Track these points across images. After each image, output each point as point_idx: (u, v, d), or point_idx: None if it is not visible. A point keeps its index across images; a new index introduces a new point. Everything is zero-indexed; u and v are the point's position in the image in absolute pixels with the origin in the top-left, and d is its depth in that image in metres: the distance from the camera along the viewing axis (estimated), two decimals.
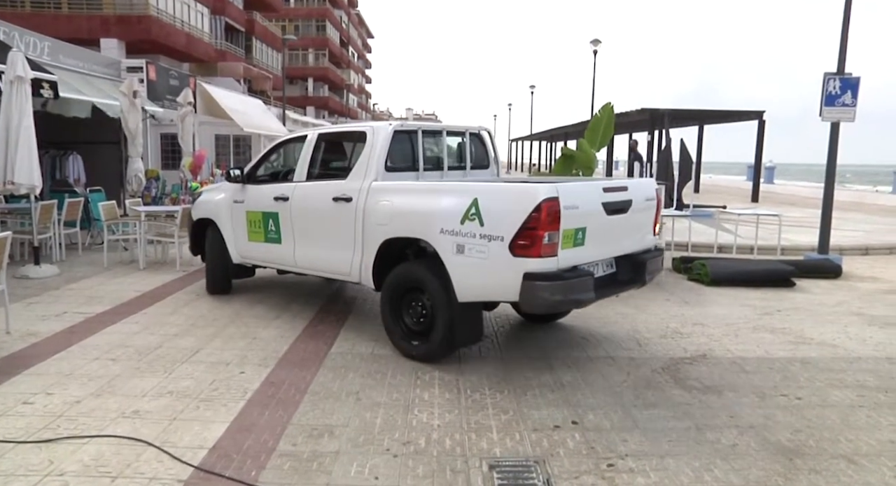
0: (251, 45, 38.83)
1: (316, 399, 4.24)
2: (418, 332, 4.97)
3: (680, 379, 4.69)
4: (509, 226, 4.24)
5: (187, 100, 13.05)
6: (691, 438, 3.73)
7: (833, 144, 9.02)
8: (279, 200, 6.02)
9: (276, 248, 6.17)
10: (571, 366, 4.93)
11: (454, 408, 4.12)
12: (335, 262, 5.55)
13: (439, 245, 4.63)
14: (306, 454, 3.48)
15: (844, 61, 8.72)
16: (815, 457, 3.51)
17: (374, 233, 5.14)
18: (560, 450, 3.55)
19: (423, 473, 3.29)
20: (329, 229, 5.55)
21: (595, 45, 27.93)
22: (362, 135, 5.58)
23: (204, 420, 3.88)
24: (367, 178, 5.30)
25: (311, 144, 6.01)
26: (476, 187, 4.61)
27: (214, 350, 5.24)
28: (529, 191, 4.28)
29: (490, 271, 4.38)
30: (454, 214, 4.52)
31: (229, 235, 6.76)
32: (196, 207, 7.29)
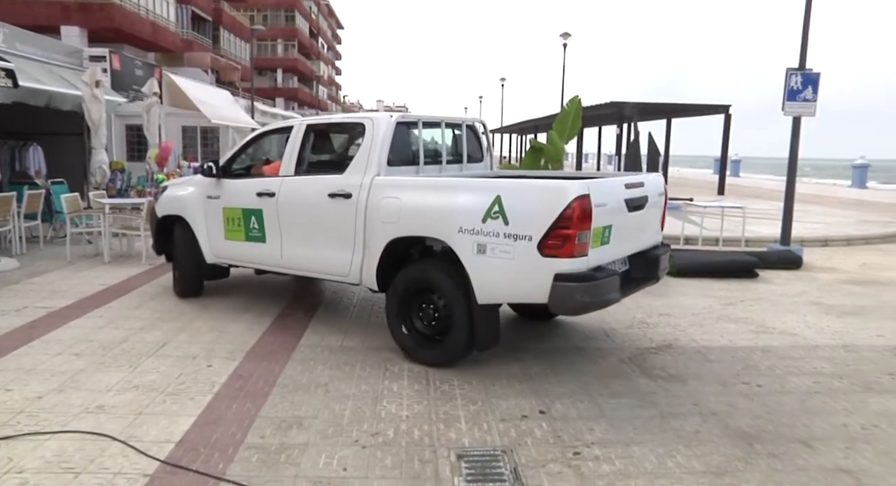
0: (219, 35, 38.19)
1: (284, 392, 4.22)
2: (429, 336, 4.72)
3: (646, 369, 4.78)
4: (538, 225, 4.05)
5: (153, 90, 12.81)
6: (656, 425, 3.81)
7: (795, 138, 9.23)
8: (263, 196, 5.63)
9: (260, 247, 5.79)
10: (540, 357, 4.99)
11: (423, 399, 4.14)
12: (331, 262, 5.22)
13: (457, 245, 4.38)
14: (274, 446, 3.48)
15: (806, 57, 8.92)
16: (773, 442, 3.61)
17: (378, 231, 4.84)
18: (527, 439, 3.60)
19: (391, 464, 3.31)
20: (324, 227, 5.23)
21: (565, 39, 28.07)
22: (359, 127, 5.31)
23: (171, 414, 3.84)
24: (367, 172, 4.99)
25: (298, 136, 5.62)
26: (499, 184, 4.38)
27: (181, 344, 5.18)
28: (560, 188, 4.08)
29: (516, 271, 4.17)
30: (475, 213, 4.28)
31: (202, 233, 6.31)
32: (161, 204, 6.78)
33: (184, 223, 6.46)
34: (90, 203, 9.79)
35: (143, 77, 17.79)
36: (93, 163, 11.38)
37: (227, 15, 38.45)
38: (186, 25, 32.47)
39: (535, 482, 3.15)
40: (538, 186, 4.29)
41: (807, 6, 8.75)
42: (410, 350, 4.79)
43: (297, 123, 5.76)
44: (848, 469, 3.32)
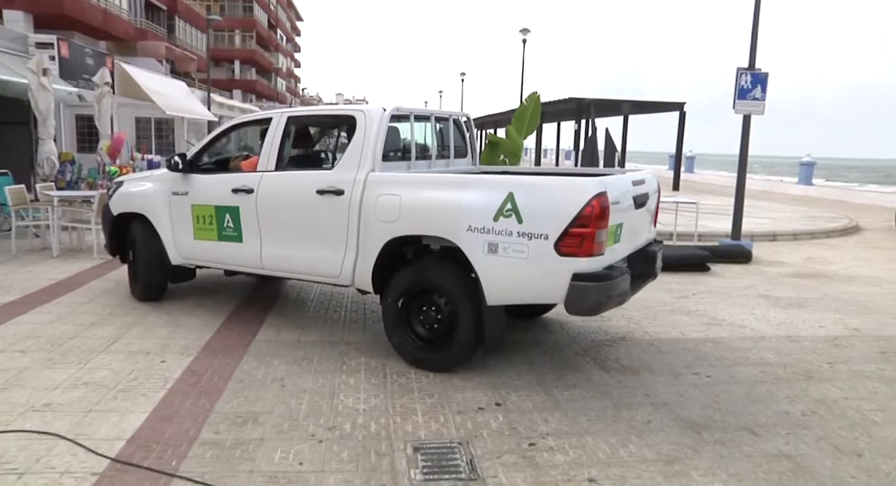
0: (174, 24, 37.26)
1: (240, 387, 4.17)
2: (429, 340, 4.55)
3: (600, 361, 4.88)
4: (555, 223, 3.92)
5: (104, 80, 12.45)
6: (609, 416, 3.89)
7: (745, 136, 9.50)
8: (240, 193, 5.26)
9: (235, 247, 5.41)
10: (497, 350, 5.04)
11: (380, 393, 4.15)
12: (319, 263, 4.92)
13: (466, 244, 4.20)
14: (229, 441, 3.44)
15: (755, 57, 9.18)
16: (721, 430, 3.73)
17: (374, 230, 4.59)
18: (483, 431, 3.64)
19: (347, 457, 3.31)
20: (311, 226, 4.93)
21: (524, 35, 28.27)
22: (349, 119, 5.04)
23: (122, 411, 3.77)
24: (361, 168, 4.73)
25: (278, 129, 5.27)
26: (511, 181, 4.25)
27: (134, 339, 5.07)
28: (578, 185, 4.00)
29: (531, 271, 4.03)
30: (485, 211, 4.11)
31: (167, 232, 5.86)
32: (117, 200, 6.26)
33: (144, 222, 6.00)
34: (37, 195, 9.47)
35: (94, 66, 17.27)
36: (40, 154, 11.00)
37: (182, 4, 37.53)
38: (140, 14, 31.58)
39: (490, 473, 3.19)
40: (554, 184, 4.17)
41: (756, 7, 9.00)
42: (411, 355, 4.59)
43: (277, 114, 5.41)
44: (789, 454, 3.45)
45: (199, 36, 40.75)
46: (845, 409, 4.07)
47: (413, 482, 3.09)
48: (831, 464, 3.36)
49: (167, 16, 36.14)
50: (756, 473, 3.25)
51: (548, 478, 3.16)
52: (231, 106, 34.16)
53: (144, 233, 6.01)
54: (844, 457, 3.44)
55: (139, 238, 6.06)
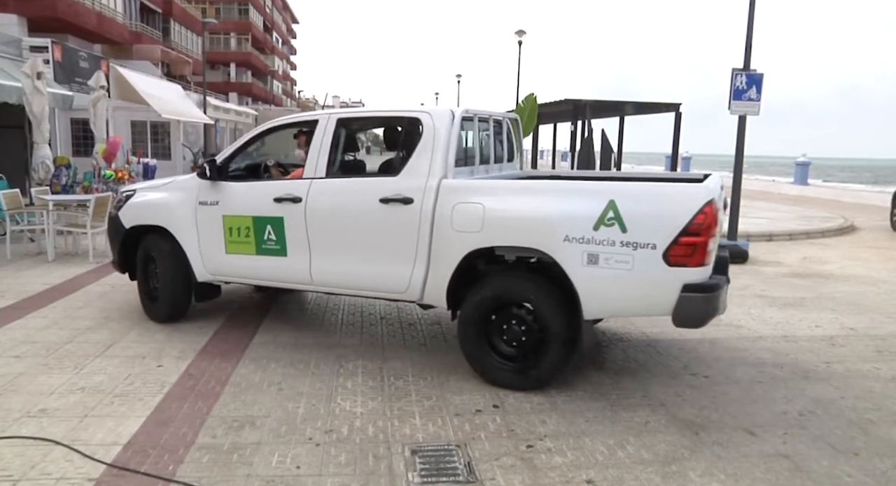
0: (169, 27, 37.21)
1: (237, 391, 4.17)
2: (513, 357, 4.27)
3: (598, 362, 4.87)
4: (665, 232, 3.76)
5: (99, 83, 12.43)
6: (607, 417, 3.89)
7: (741, 136, 9.52)
8: (285, 202, 4.85)
9: (277, 262, 4.98)
10: None
11: (377, 396, 4.14)
12: (383, 278, 4.58)
13: (562, 255, 3.97)
14: (226, 445, 3.43)
15: (750, 58, 9.20)
16: (718, 430, 3.74)
17: (450, 242, 4.29)
18: (481, 433, 3.64)
19: (345, 460, 3.30)
20: (373, 238, 4.57)
21: (520, 36, 28.29)
22: (413, 122, 4.70)
23: (118, 416, 3.75)
24: (431, 175, 4.42)
25: (327, 132, 4.88)
26: (611, 187, 4.02)
27: (130, 344, 5.05)
28: (688, 192, 3.87)
29: (635, 283, 3.85)
30: (585, 219, 3.90)
31: (192, 246, 5.34)
32: (130, 211, 5.68)
33: (164, 235, 5.45)
34: (32, 200, 9.44)
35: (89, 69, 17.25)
36: (35, 158, 10.98)
37: (177, 7, 37.50)
38: (135, 17, 31.54)
39: (488, 475, 3.18)
40: (661, 190, 3.98)
41: (750, 8, 9.03)
42: (492, 373, 4.30)
43: (324, 116, 5.03)
44: (786, 454, 3.46)
45: (194, 39, 40.73)
46: (842, 408, 4.08)
47: (411, 485, 3.08)
48: (828, 463, 3.37)
49: (162, 19, 36.11)
50: (753, 473, 3.25)
51: (546, 480, 3.15)
52: (227, 109, 34.11)
53: (165, 247, 5.45)
54: (841, 456, 3.45)
55: (160, 253, 5.49)
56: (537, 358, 4.18)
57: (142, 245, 5.67)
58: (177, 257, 5.41)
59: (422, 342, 5.27)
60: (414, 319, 5.92)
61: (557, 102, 16.02)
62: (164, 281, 5.49)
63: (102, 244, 8.91)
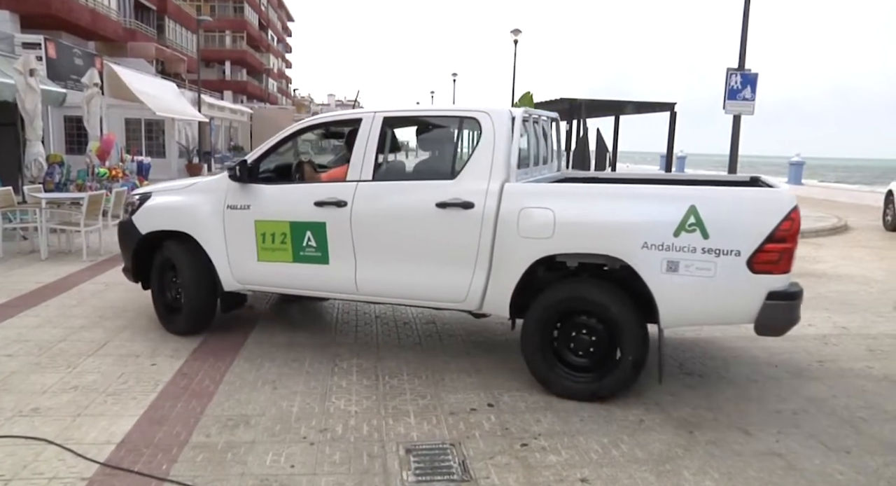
0: (163, 24, 37.09)
1: (231, 390, 4.16)
2: (581, 367, 4.13)
3: None
4: (749, 238, 3.69)
5: (93, 81, 12.39)
6: (601, 416, 3.90)
7: (735, 136, 9.55)
8: (328, 206, 4.57)
9: (317, 270, 4.69)
10: (489, 351, 5.04)
11: (372, 394, 4.14)
12: (438, 286, 4.38)
13: (640, 262, 3.85)
14: (220, 444, 3.42)
15: (745, 57, 9.23)
16: (713, 429, 3.75)
17: (516, 249, 4.12)
18: (476, 432, 3.64)
19: (339, 459, 3.30)
20: (428, 244, 4.36)
21: (516, 35, 28.32)
22: (469, 122, 4.48)
23: (111, 415, 3.74)
24: (493, 177, 4.24)
25: (373, 131, 4.62)
26: (691, 192, 3.95)
27: (124, 342, 5.04)
28: (774, 197, 3.81)
29: (717, 291, 3.77)
30: (665, 225, 3.79)
31: (220, 253, 4.98)
32: (147, 216, 5.28)
33: (187, 241, 5.09)
34: (25, 198, 9.40)
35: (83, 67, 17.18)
36: (28, 155, 10.92)
37: (172, 4, 37.37)
38: (129, 14, 31.42)
39: (482, 474, 3.19)
40: (745, 196, 3.91)
41: (745, 8, 9.05)
42: (557, 383, 4.15)
43: (367, 115, 4.73)
44: (779, 453, 3.47)
45: (189, 36, 40.60)
46: (834, 407, 4.10)
47: (405, 484, 3.08)
48: (820, 462, 3.38)
49: (157, 16, 35.98)
50: (747, 472, 3.26)
51: (540, 479, 3.16)
52: (221, 107, 34.04)
53: (188, 255, 5.09)
54: (833, 454, 3.46)
55: (182, 261, 5.11)
56: (607, 368, 4.05)
57: (159, 252, 5.28)
58: (201, 265, 5.05)
59: (417, 341, 5.27)
60: (409, 318, 5.92)
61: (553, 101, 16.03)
62: (187, 291, 5.10)
63: (96, 242, 8.89)
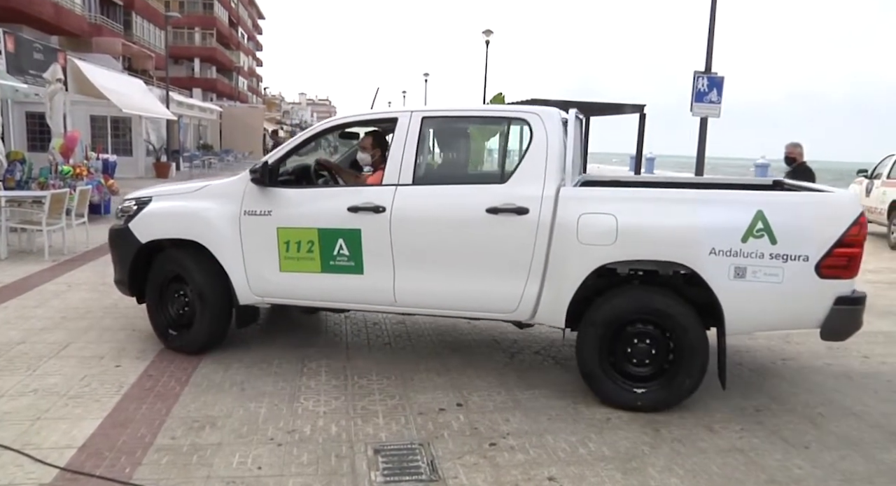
0: (130, 20, 36.40)
1: (197, 391, 4.10)
2: (641, 376, 4.02)
3: (560, 360, 4.93)
4: (817, 243, 3.68)
5: (56, 76, 12.09)
6: (569, 415, 3.93)
7: (702, 137, 9.73)
8: (363, 212, 4.30)
9: (350, 280, 4.40)
10: (458, 351, 5.06)
11: (341, 395, 4.12)
12: (489, 296, 4.19)
13: (707, 269, 3.78)
14: (186, 447, 3.37)
15: (711, 61, 9.40)
16: (678, 426, 3.81)
17: (575, 256, 3.98)
18: (445, 432, 3.64)
19: (307, 460, 3.28)
20: (478, 252, 4.16)
21: (487, 36, 28.43)
22: (521, 123, 4.34)
23: (73, 418, 3.66)
24: (548, 181, 4.10)
25: (411, 132, 4.38)
26: (757, 197, 3.89)
27: (87, 344, 4.93)
28: (842, 202, 3.85)
29: (785, 296, 3.76)
30: (733, 231, 3.74)
31: (235, 263, 4.58)
32: (147, 222, 4.79)
33: (196, 251, 4.65)
34: None
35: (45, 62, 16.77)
36: None
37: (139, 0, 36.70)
38: (94, 9, 30.79)
39: (451, 473, 3.19)
40: (812, 200, 3.93)
41: (712, 12, 9.22)
42: (615, 395, 4.03)
43: (404, 114, 4.48)
44: (741, 449, 3.54)
45: (157, 33, 39.90)
46: (795, 404, 4.20)
47: (373, 484, 3.07)
48: (781, 457, 3.46)
49: (123, 11, 35.31)
50: (710, 468, 3.32)
51: (508, 478, 3.17)
52: (190, 105, 33.53)
53: (199, 266, 4.66)
54: (793, 450, 3.55)
55: (192, 273, 4.66)
56: (671, 376, 3.98)
57: (159, 263, 4.83)
58: (215, 277, 4.64)
59: (386, 341, 5.26)
60: (378, 318, 5.90)
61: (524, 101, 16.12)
62: (201, 306, 4.66)
63: (59, 242, 8.69)
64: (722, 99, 9.38)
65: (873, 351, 5.28)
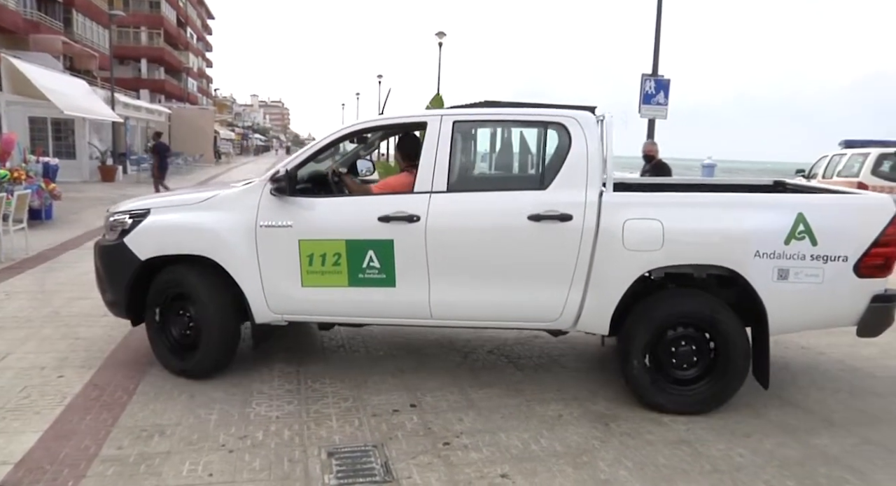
0: (71, 17, 35.18)
1: (146, 400, 4.01)
2: (684, 380, 4.04)
3: (513, 359, 4.99)
4: (856, 244, 3.80)
5: None
6: (522, 412, 3.99)
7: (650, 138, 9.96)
8: (396, 222, 4.09)
9: (381, 294, 4.18)
10: (412, 352, 5.07)
11: (294, 399, 4.09)
12: (531, 305, 4.10)
13: (752, 272, 3.84)
14: (133, 456, 3.30)
15: (658, 64, 9.66)
16: (628, 421, 3.90)
17: (622, 262, 3.95)
18: (398, 433, 3.66)
19: (259, 466, 3.24)
20: (520, 260, 4.06)
21: (440, 38, 28.53)
22: (558, 127, 4.22)
23: (10, 432, 3.53)
24: (590, 187, 4.04)
25: (443, 136, 4.20)
26: (797, 200, 4.04)
27: (27, 354, 4.76)
28: (879, 204, 3.94)
29: (825, 296, 3.86)
30: (776, 233, 3.81)
31: (252, 279, 4.25)
32: (149, 236, 4.38)
33: (204, 266, 4.32)
34: None
35: None
36: None
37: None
38: (30, 4, 29.68)
39: (405, 474, 3.21)
40: (849, 202, 4.10)
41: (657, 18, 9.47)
42: (658, 398, 4.03)
43: (434, 118, 4.30)
44: (687, 440, 3.66)
45: (100, 32, 38.69)
46: (739, 395, 4.29)
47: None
48: (724, 446, 3.59)
49: (63, 8, 34.11)
50: (657, 459, 3.42)
51: (461, 476, 3.21)
52: (138, 106, 32.65)
53: (208, 283, 4.33)
54: (736, 439, 3.68)
55: (201, 291, 4.32)
56: (718, 374, 4.01)
57: (160, 281, 4.45)
58: (226, 295, 4.33)
59: (340, 344, 5.23)
60: None
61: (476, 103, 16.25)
62: (209, 325, 4.32)
63: None
64: (668, 101, 9.66)
65: (810, 343, 5.51)
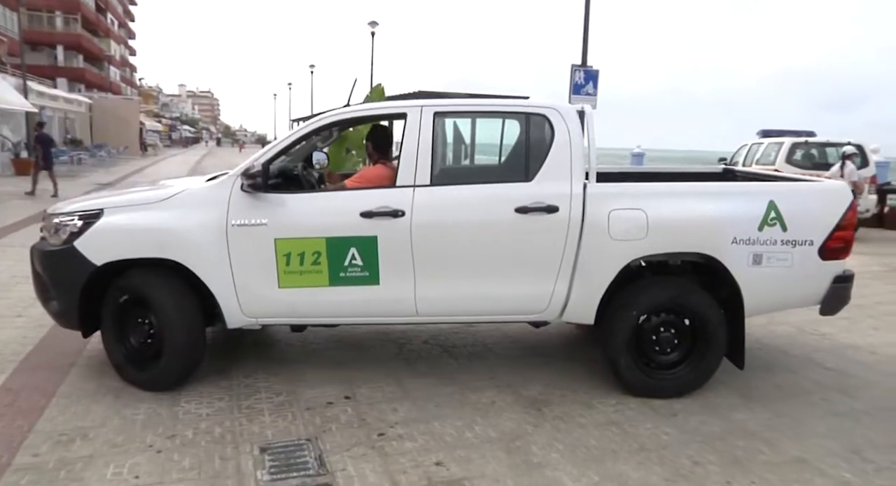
0: None
1: (66, 402, 3.84)
2: (664, 365, 4.16)
3: (448, 347, 5.03)
4: (820, 229, 4.05)
5: None
6: (456, 401, 4.03)
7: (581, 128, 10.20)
8: (378, 217, 3.97)
9: (364, 293, 4.05)
10: (348, 345, 5.04)
11: (225, 395, 4.01)
12: (518, 298, 4.12)
13: (729, 258, 4.02)
14: (52, 463, 3.16)
15: (587, 55, 9.87)
16: (559, 405, 4.00)
17: (606, 252, 4.01)
18: (332, 426, 3.64)
19: (189, 465, 3.17)
20: (506, 253, 4.06)
21: (373, 27, 28.28)
22: (540, 118, 4.19)
23: None
24: (574, 178, 4.06)
25: (424, 128, 4.11)
26: (768, 188, 4.22)
27: None
28: (837, 190, 4.22)
29: (794, 279, 4.11)
30: (750, 220, 4.00)
31: (223, 282, 4.01)
32: (104, 239, 4.03)
33: (165, 270, 4.04)
34: None
35: None
36: None
37: None
38: None
39: (339, 466, 3.19)
40: (813, 189, 4.32)
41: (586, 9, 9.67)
42: (643, 384, 4.15)
43: (413, 108, 4.19)
44: (616, 421, 3.79)
45: (8, 15, 36.44)
46: None
47: (259, 484, 3.02)
48: (651, 425, 3.73)
49: None
50: (588, 441, 3.53)
51: (396, 466, 3.22)
52: (55, 96, 31.01)
53: (171, 287, 4.03)
54: (662, 418, 3.83)
55: (164, 297, 4.02)
56: (697, 357, 4.15)
57: (115, 288, 4.12)
58: (190, 300, 4.07)
59: (275, 338, 5.15)
60: None
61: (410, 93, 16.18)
62: (173, 334, 4.01)
63: None
64: (598, 91, 9.88)
65: None
